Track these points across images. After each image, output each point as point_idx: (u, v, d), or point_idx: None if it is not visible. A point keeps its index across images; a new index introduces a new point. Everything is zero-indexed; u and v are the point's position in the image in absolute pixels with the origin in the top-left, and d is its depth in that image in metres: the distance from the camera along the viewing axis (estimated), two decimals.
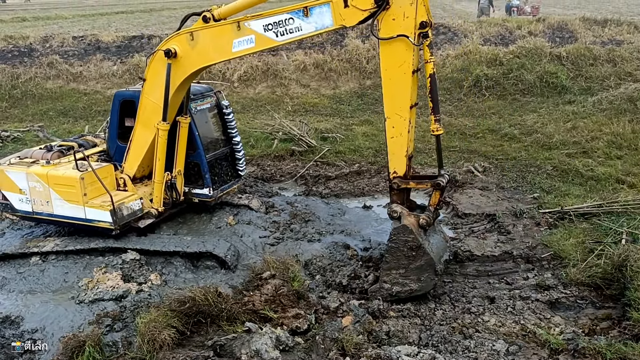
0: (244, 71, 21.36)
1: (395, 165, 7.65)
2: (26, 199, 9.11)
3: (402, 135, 7.43)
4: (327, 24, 7.36)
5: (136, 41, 24.64)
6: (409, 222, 7.45)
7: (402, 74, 7.18)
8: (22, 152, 9.89)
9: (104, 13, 57.67)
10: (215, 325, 6.99)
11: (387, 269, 7.62)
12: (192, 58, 8.28)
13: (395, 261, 7.52)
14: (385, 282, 7.65)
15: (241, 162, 10.51)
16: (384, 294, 7.65)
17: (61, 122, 19.47)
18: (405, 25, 6.98)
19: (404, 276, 7.54)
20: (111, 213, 8.54)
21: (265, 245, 9.31)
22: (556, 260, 8.41)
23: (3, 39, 25.87)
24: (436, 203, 7.71)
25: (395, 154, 7.59)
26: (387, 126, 7.49)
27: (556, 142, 13.90)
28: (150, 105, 8.84)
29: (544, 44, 20.09)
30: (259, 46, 7.86)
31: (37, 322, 7.23)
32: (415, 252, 7.40)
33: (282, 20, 7.51)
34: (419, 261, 7.43)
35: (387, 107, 7.45)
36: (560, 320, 7.00)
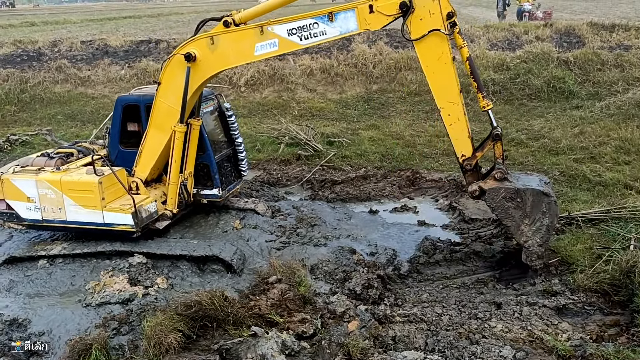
0: (251, 76, 21.43)
1: (461, 149, 8.10)
2: (35, 207, 8.96)
3: (459, 119, 7.92)
4: (352, 29, 7.75)
5: (144, 46, 24.77)
6: (489, 185, 7.87)
7: (444, 65, 7.70)
8: (21, 160, 9.74)
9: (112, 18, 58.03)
10: (221, 330, 6.99)
11: (516, 230, 7.87)
12: (211, 61, 8.41)
13: (513, 219, 7.81)
14: (526, 241, 7.86)
15: (243, 163, 10.67)
16: (536, 251, 7.86)
17: (69, 126, 19.60)
18: (433, 20, 7.48)
19: (531, 222, 7.79)
20: (133, 216, 8.56)
21: (272, 250, 9.31)
22: (563, 266, 8.36)
23: (12, 44, 26.10)
24: (501, 154, 8.06)
25: (459, 138, 8.04)
26: (444, 115, 7.97)
27: (563, 147, 13.84)
28: (164, 108, 8.89)
29: (552, 49, 20.05)
30: (282, 49, 8.11)
31: (44, 325, 7.25)
32: (518, 197, 7.74)
33: (306, 25, 7.78)
34: (528, 201, 7.72)
35: (438, 98, 7.92)
36: (567, 327, 6.96)
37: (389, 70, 20.97)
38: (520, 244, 7.97)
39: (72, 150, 9.78)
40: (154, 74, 21.49)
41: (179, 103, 8.62)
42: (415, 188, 12.54)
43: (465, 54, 7.83)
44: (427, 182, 12.67)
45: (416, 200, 11.93)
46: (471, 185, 8.10)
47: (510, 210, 7.78)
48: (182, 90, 8.49)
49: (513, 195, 7.75)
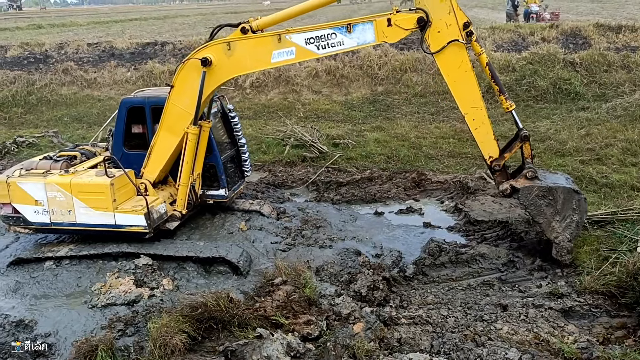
0: (256, 77, 21.48)
1: (488, 151, 8.38)
2: (43, 210, 8.91)
3: (484, 123, 8.23)
4: (369, 40, 7.98)
5: (150, 48, 24.90)
6: (521, 183, 8.19)
7: (464, 72, 7.99)
8: (25, 163, 9.69)
9: (118, 20, 58.36)
10: (226, 331, 7.00)
11: (547, 227, 8.19)
12: (227, 67, 8.53)
13: (545, 216, 8.13)
14: (556, 237, 8.18)
15: (247, 164, 10.79)
16: (565, 245, 8.18)
17: (75, 127, 19.69)
18: (451, 32, 7.77)
19: (562, 220, 8.11)
20: (145, 216, 8.59)
21: (277, 251, 9.32)
22: (570, 268, 8.33)
23: (19, 46, 26.30)
24: (530, 154, 8.36)
25: (485, 141, 8.33)
26: (468, 120, 8.28)
27: (570, 149, 13.79)
28: (176, 111, 8.94)
29: (558, 50, 19.99)
30: (299, 57, 8.30)
31: (50, 326, 7.29)
32: (550, 195, 8.08)
33: (324, 35, 8.00)
34: (559, 198, 8.07)
35: (462, 105, 8.23)
36: (574, 329, 6.93)
37: (395, 72, 20.97)
38: (551, 239, 8.27)
39: (76, 153, 9.78)
40: (159, 75, 21.61)
41: (192, 106, 8.69)
42: (421, 190, 12.52)
43: (484, 60, 8.13)
44: (433, 183, 12.65)
45: (422, 202, 11.91)
46: (502, 185, 8.38)
47: (542, 207, 8.11)
48: (195, 94, 8.58)
49: (545, 193, 8.08)
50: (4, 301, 7.99)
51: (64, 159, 9.40)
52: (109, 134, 10.14)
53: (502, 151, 8.43)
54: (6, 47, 26.61)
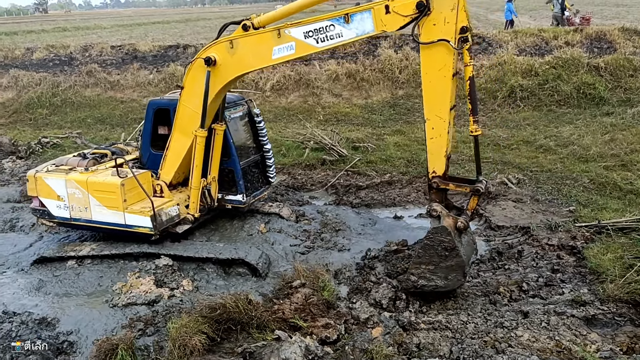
0: (277, 80, 21.56)
1: (434, 165, 7.79)
2: (64, 206, 9.26)
3: (441, 136, 7.57)
4: (368, 30, 7.55)
5: (172, 51, 25.14)
6: (447, 224, 7.57)
7: (442, 77, 7.32)
8: (57, 159, 10.07)
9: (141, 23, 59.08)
10: (245, 333, 7.02)
11: (418, 263, 7.74)
12: (231, 65, 8.45)
13: (427, 257, 7.64)
14: (413, 274, 7.76)
15: (271, 170, 10.67)
16: (409, 285, 7.79)
17: (98, 129, 19.97)
18: (446, 30, 7.13)
19: (432, 272, 7.66)
20: (151, 218, 8.68)
21: (296, 254, 9.34)
22: (593, 275, 8.20)
23: (45, 48, 26.75)
24: (473, 208, 7.87)
25: (435, 154, 7.73)
26: (427, 127, 7.63)
27: (593, 155, 13.59)
28: (188, 112, 8.99)
29: (582, 55, 19.71)
30: (299, 52, 8.00)
31: (72, 324, 7.38)
32: (449, 253, 7.52)
33: (322, 27, 7.68)
34: (450, 261, 7.54)
35: (427, 109, 7.59)
36: (597, 337, 6.80)
37: (415, 76, 20.87)
38: (409, 270, 7.87)
39: (107, 152, 9.99)
40: (181, 78, 21.73)
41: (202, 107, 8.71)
42: None
43: (469, 73, 7.36)
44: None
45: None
46: (434, 204, 7.77)
47: (433, 251, 7.57)
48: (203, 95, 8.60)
49: (448, 248, 7.49)
50: (27, 299, 8.12)
51: (92, 157, 9.64)
52: (139, 134, 10.29)
53: (451, 177, 7.96)
54: (32, 49, 27.09)
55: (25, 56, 26.33)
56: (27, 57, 26.27)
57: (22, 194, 12.98)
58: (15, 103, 23.02)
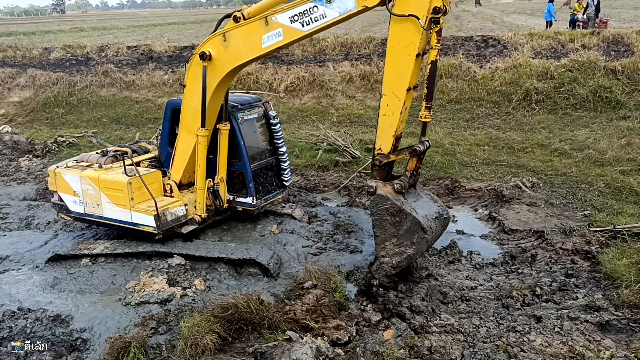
0: (291, 82, 21.61)
1: (381, 143, 7.72)
2: (79, 201, 9.50)
3: (394, 114, 7.49)
4: (350, 7, 7.36)
5: (187, 51, 25.30)
6: (384, 191, 7.60)
7: (407, 55, 7.18)
8: (80, 156, 10.33)
9: (156, 24, 59.51)
10: (256, 333, 7.03)
11: (380, 242, 7.72)
12: (225, 59, 8.45)
13: (384, 232, 7.63)
14: (383, 256, 7.72)
15: (286, 173, 10.53)
16: (386, 268, 7.71)
17: (114, 128, 20.14)
18: (418, 6, 6.92)
19: (397, 244, 7.63)
20: (155, 218, 8.74)
21: (308, 255, 9.34)
22: (607, 280, 8.11)
23: (62, 48, 27.06)
24: (412, 169, 7.88)
25: (384, 131, 7.65)
26: (382, 103, 7.55)
27: (609, 159, 13.45)
28: (191, 110, 9.05)
29: (598, 58, 19.51)
30: (287, 38, 7.92)
31: (85, 321, 7.45)
32: (399, 217, 7.51)
33: (306, 10, 7.61)
34: (405, 224, 7.51)
35: (386, 85, 7.48)
36: (610, 343, 6.73)
37: None
38: (377, 255, 7.83)
39: (127, 150, 10.10)
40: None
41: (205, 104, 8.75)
42: (454, 197, 12.38)
43: (432, 56, 7.14)
44: (467, 191, 12.50)
45: (455, 209, 11.77)
46: (371, 181, 7.85)
47: (385, 223, 7.60)
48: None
49: (395, 212, 7.53)
50: (42, 296, 8.22)
51: (111, 155, 9.81)
52: (158, 133, 10.38)
53: (392, 150, 7.78)
54: (50, 49, 27.42)
55: (43, 56, 26.66)
56: (44, 57, 26.59)
57: (38, 192, 13.15)
58: (32, 102, 23.31)
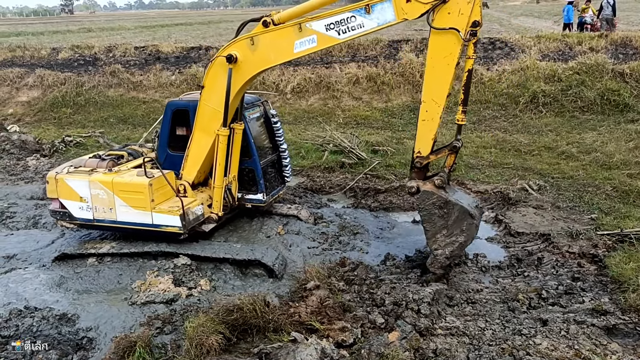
0: (297, 83, 21.62)
1: (420, 146, 8.19)
2: (87, 207, 9.23)
3: (433, 120, 7.98)
4: (389, 19, 7.78)
5: (194, 52, 25.37)
6: (427, 187, 8.14)
7: (446, 65, 7.68)
8: (74, 161, 10.05)
9: (164, 25, 59.72)
10: (261, 334, 7.04)
11: (431, 236, 8.16)
12: (252, 62, 8.58)
13: (434, 226, 8.10)
14: (436, 249, 8.16)
15: (287, 169, 10.80)
16: (441, 260, 8.15)
17: (120, 128, 20.22)
18: (458, 20, 7.45)
19: (448, 235, 8.09)
20: (181, 217, 8.76)
21: (313, 256, 9.34)
22: (614, 284, 8.07)
23: (70, 48, 27.18)
24: (450, 165, 8.35)
25: (424, 135, 8.11)
26: (421, 109, 8.03)
27: (617, 162, 13.38)
28: (209, 111, 9.08)
29: (606, 61, 19.43)
30: (321, 45, 8.19)
31: (91, 320, 7.49)
32: (446, 208, 8.02)
33: (344, 19, 7.88)
34: (453, 214, 8.02)
35: (425, 92, 7.99)
36: (617, 348, 6.69)
37: None
38: (431, 249, 8.26)
39: (123, 153, 10.07)
40: (202, 79, 21.97)
41: (223, 105, 8.81)
42: None
43: (469, 65, 7.87)
44: (473, 193, 12.45)
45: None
46: (411, 181, 8.35)
47: (434, 217, 8.09)
48: (225, 92, 8.70)
49: (442, 205, 8.04)
50: (48, 295, 8.26)
51: (110, 158, 9.69)
52: (155, 136, 10.38)
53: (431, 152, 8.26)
54: (58, 49, 27.55)
55: (51, 56, 26.79)
56: (52, 57, 26.72)
57: (45, 191, 13.20)
58: (40, 102, 23.43)
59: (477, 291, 8.27)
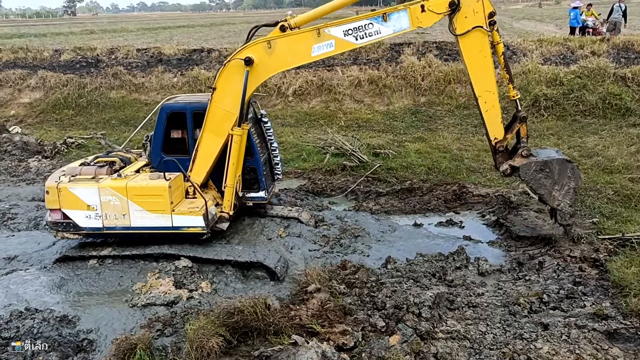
0: (299, 85, 21.63)
1: (494, 133, 9.18)
2: (95, 215, 8.98)
3: (494, 106, 8.99)
4: (404, 27, 8.59)
5: (196, 54, 25.41)
6: (519, 162, 9.11)
7: (483, 58, 8.71)
8: (66, 169, 9.66)
9: (166, 27, 59.88)
10: (261, 337, 7.03)
11: (548, 197, 9.13)
12: (268, 64, 8.89)
13: (545, 187, 9.06)
14: (558, 204, 9.13)
15: (278, 167, 11.07)
16: (566, 210, 9.17)
17: (122, 130, 20.22)
18: (477, 18, 8.50)
19: (560, 187, 9.05)
20: (204, 217, 8.80)
21: (314, 259, 9.34)
22: (615, 288, 8.05)
23: (72, 50, 27.24)
24: (525, 134, 9.26)
25: (492, 123, 9.10)
26: (480, 103, 8.99)
27: (618, 166, 13.37)
28: (220, 113, 9.16)
29: (608, 65, 19.42)
30: (339, 49, 8.78)
31: (92, 322, 7.48)
32: (546, 167, 8.98)
33: (362, 26, 8.55)
34: (555, 169, 8.98)
35: (477, 87, 8.91)
36: (618, 352, 6.68)
37: (438, 83, 20.80)
38: (554, 207, 9.20)
39: (115, 159, 9.88)
40: (205, 81, 22.02)
41: (235, 106, 8.96)
42: (462, 203, 12.34)
43: (501, 50, 8.92)
44: (474, 197, 12.46)
45: (462, 215, 11.74)
46: (502, 165, 9.22)
47: (541, 180, 9.00)
48: (237, 94, 8.86)
49: (542, 167, 8.96)
50: (49, 296, 8.26)
51: (106, 165, 9.55)
52: (146, 140, 10.31)
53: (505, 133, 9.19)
54: (60, 51, 27.60)
55: (53, 58, 26.83)
56: (55, 58, 26.76)
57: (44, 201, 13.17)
58: (42, 103, 23.46)
59: (478, 295, 8.26)
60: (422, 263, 9.12)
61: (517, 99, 9.16)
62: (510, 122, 9.41)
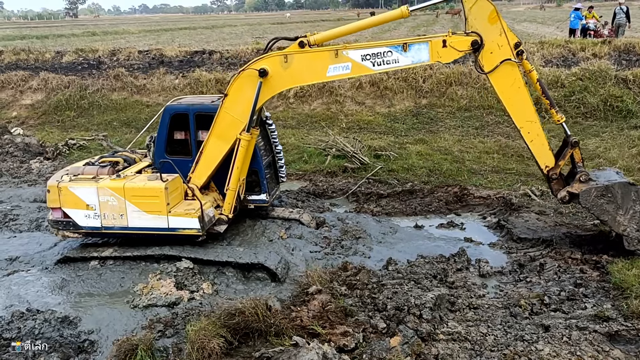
0: (300, 87, 21.63)
1: (544, 161, 8.94)
2: (94, 215, 9.06)
3: (539, 135, 8.78)
4: (424, 59, 8.46)
5: (198, 56, 25.45)
6: (578, 188, 8.76)
7: (517, 89, 8.55)
8: (69, 168, 9.79)
9: (168, 29, 60.00)
10: (262, 338, 7.04)
11: (613, 222, 8.64)
12: (283, 78, 8.87)
13: (608, 213, 8.59)
14: (624, 230, 8.60)
15: (282, 170, 11.08)
16: (634, 235, 8.59)
17: (124, 132, 20.26)
18: (503, 52, 8.33)
19: (625, 212, 8.57)
20: (199, 219, 8.80)
21: (315, 260, 9.35)
22: (617, 290, 8.05)
23: (74, 52, 27.31)
24: (580, 159, 8.95)
25: (540, 152, 8.89)
26: (524, 134, 8.80)
27: (620, 168, 13.34)
28: (229, 119, 9.19)
29: (609, 67, 19.43)
30: (354, 73, 8.72)
31: (93, 323, 7.50)
32: (608, 192, 8.55)
33: (380, 52, 8.40)
34: (617, 194, 8.54)
35: (517, 119, 8.74)
36: (620, 354, 6.67)
37: (439, 85, 20.80)
38: (620, 233, 8.65)
39: (118, 159, 9.96)
40: (206, 83, 22.06)
41: (244, 114, 8.99)
42: (463, 204, 12.34)
43: (535, 77, 8.68)
44: (475, 199, 12.46)
45: (463, 217, 11.74)
46: (560, 192, 8.90)
47: (604, 206, 8.55)
48: (248, 102, 8.89)
49: (604, 192, 8.52)
50: (50, 297, 8.28)
51: (109, 165, 9.60)
52: (150, 141, 10.35)
53: (556, 160, 8.89)
54: (62, 52, 27.67)
55: (55, 59, 26.90)
56: (56, 60, 26.82)
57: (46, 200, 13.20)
58: (44, 105, 23.50)
59: (479, 296, 8.26)
60: (423, 265, 9.11)
61: (562, 123, 8.88)
62: (561, 147, 9.11)
